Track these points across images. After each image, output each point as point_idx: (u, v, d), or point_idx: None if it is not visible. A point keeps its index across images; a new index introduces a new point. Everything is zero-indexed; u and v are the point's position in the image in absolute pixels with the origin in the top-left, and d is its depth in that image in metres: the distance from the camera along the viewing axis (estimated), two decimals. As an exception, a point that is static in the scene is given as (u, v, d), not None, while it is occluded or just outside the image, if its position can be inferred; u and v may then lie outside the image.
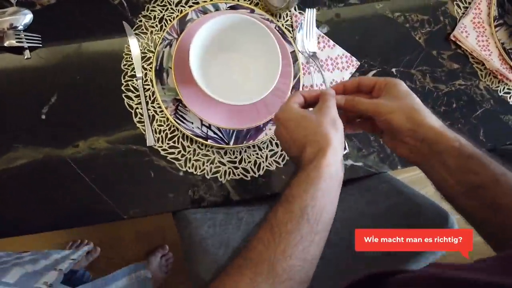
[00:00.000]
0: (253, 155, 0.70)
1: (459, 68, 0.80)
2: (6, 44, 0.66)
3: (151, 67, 0.68)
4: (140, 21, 0.71)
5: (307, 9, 0.74)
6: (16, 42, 0.66)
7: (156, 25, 0.71)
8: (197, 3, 0.72)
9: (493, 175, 0.42)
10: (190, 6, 0.72)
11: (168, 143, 0.68)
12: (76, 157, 0.66)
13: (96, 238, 1.42)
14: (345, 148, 0.70)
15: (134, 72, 0.69)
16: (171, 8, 0.72)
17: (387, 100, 0.48)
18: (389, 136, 0.50)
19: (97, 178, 0.65)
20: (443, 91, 0.78)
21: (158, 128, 0.68)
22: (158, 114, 0.68)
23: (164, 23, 0.71)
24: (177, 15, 0.71)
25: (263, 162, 0.70)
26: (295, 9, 0.76)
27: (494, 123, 0.79)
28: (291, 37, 0.73)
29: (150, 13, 0.71)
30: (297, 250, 0.38)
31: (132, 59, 0.69)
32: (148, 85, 0.69)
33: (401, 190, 0.68)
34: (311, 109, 0.51)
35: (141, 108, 0.68)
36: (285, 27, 0.74)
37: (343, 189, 0.56)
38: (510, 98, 0.80)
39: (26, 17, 0.68)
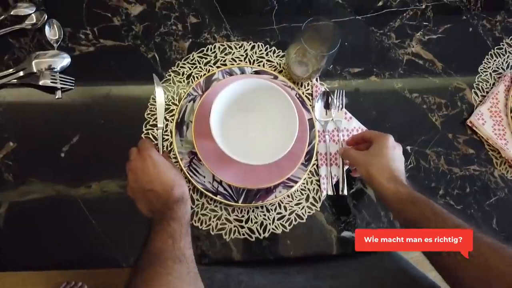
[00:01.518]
0: (260, 215, 0.70)
1: (474, 154, 0.80)
2: (41, 83, 0.70)
3: (172, 119, 0.71)
4: (169, 75, 0.75)
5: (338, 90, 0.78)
6: (51, 82, 0.70)
7: (184, 81, 0.75)
8: (225, 64, 0.77)
9: (420, 211, 0.54)
10: (217, 67, 0.76)
11: (178, 194, 0.68)
12: (87, 198, 0.66)
13: (91, 281, 1.38)
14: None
15: (156, 122, 0.71)
16: (200, 67, 0.76)
17: (364, 153, 0.65)
18: None
19: (103, 222, 0.66)
20: (457, 174, 0.78)
21: (170, 178, 0.69)
22: (172, 165, 0.69)
23: (191, 79, 0.75)
24: (204, 74, 0.75)
25: (269, 224, 0.69)
26: (316, 80, 0.79)
27: (508, 213, 0.77)
28: (310, 105, 0.76)
29: (179, 69, 0.75)
30: (189, 244, 0.54)
31: (155, 109, 0.72)
32: (168, 135, 0.71)
33: (408, 271, 0.65)
34: None
35: (157, 157, 0.69)
36: (305, 95, 0.77)
37: (346, 263, 0.57)
38: (525, 189, 0.79)
39: (64, 61, 0.73)
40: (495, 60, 0.88)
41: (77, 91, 0.72)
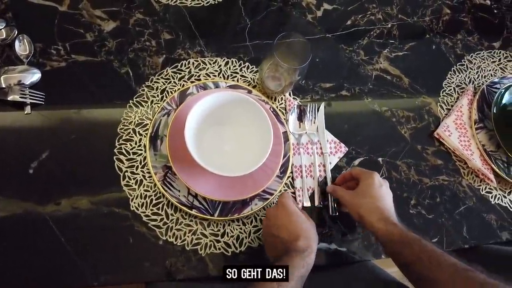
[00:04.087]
0: (237, 229, 0.69)
1: (442, 164, 0.83)
2: (9, 98, 0.68)
3: (146, 133, 0.70)
4: (143, 90, 0.75)
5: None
6: (20, 97, 0.69)
7: (157, 95, 0.75)
8: (199, 79, 0.77)
9: (415, 254, 0.54)
10: (192, 82, 0.77)
11: (151, 210, 0.67)
12: (56, 215, 0.64)
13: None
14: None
15: (129, 136, 0.70)
16: (174, 82, 0.76)
17: (352, 193, 0.65)
18: None
19: (73, 239, 0.63)
20: (427, 185, 0.80)
21: (144, 193, 0.68)
22: (146, 179, 0.68)
23: (165, 94, 0.75)
24: (179, 88, 0.75)
25: (245, 237, 0.69)
26: (289, 94, 0.80)
27: (477, 221, 0.80)
28: (284, 119, 0.77)
29: (153, 84, 0.75)
30: None
31: (128, 124, 0.71)
32: (141, 150, 0.70)
33: (385, 280, 0.66)
34: None
35: (130, 172, 0.68)
36: (279, 109, 0.78)
37: (324, 273, 0.58)
38: (491, 198, 0.82)
39: (34, 76, 0.71)
40: (457, 76, 0.93)
41: (48, 107, 0.70)
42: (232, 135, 0.72)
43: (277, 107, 0.78)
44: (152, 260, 0.65)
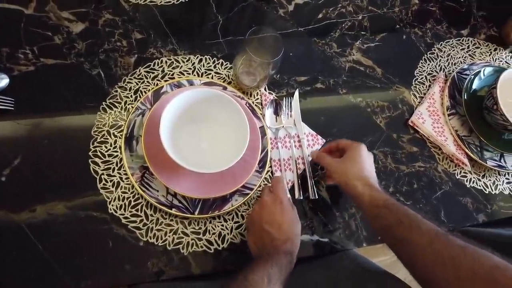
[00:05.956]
0: (218, 226, 0.69)
1: (418, 151, 0.85)
2: (-23, 105, 0.66)
3: (121, 134, 0.69)
4: (116, 91, 0.73)
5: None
6: (-13, 104, 0.67)
7: (131, 96, 0.74)
8: (173, 78, 0.76)
9: (397, 217, 0.56)
10: (165, 81, 0.76)
11: (130, 211, 0.66)
12: (31, 223, 0.62)
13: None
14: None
15: (104, 138, 0.69)
16: (147, 81, 0.75)
17: (339, 161, 0.67)
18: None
19: (50, 246, 0.62)
20: (404, 172, 0.82)
21: (121, 195, 0.67)
22: (123, 181, 0.67)
23: (139, 94, 0.74)
24: (153, 88, 0.74)
25: (228, 234, 0.69)
26: (265, 89, 0.81)
27: (453, 205, 0.82)
28: (261, 113, 0.77)
29: (126, 85, 0.74)
30: None
31: (102, 126, 0.70)
32: (117, 152, 0.69)
33: (366, 268, 0.67)
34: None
35: (107, 174, 0.67)
36: (255, 104, 0.78)
37: (306, 264, 0.58)
38: (466, 181, 0.84)
39: (2, 82, 0.69)
40: (428, 64, 0.95)
41: (18, 112, 0.68)
42: (209, 132, 0.71)
43: (253, 102, 0.78)
44: (133, 262, 0.64)
